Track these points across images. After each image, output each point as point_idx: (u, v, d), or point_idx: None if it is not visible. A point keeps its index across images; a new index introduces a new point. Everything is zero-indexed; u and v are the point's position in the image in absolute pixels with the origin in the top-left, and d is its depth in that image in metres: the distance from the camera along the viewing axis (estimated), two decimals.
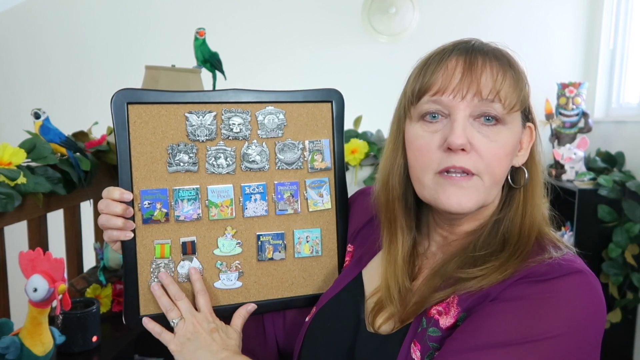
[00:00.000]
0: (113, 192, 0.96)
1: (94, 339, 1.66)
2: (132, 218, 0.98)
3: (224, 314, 1.04)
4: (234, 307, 1.05)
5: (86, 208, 2.07)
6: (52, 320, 1.49)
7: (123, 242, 0.99)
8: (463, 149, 0.83)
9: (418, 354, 0.83)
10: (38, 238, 1.77)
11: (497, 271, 0.82)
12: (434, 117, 0.86)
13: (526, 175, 0.91)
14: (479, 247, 0.88)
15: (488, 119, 0.85)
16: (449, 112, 0.85)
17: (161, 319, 1.00)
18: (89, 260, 2.14)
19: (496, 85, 0.83)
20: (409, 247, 0.97)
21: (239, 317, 1.04)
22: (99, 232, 2.17)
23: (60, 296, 1.34)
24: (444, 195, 0.85)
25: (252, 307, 1.05)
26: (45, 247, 1.80)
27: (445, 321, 0.83)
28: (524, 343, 0.75)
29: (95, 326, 1.66)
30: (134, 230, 0.98)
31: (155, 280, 1.01)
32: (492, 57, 0.86)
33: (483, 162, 0.84)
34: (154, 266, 1.00)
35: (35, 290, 1.32)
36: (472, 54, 0.85)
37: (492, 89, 0.83)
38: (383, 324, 0.91)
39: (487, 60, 0.85)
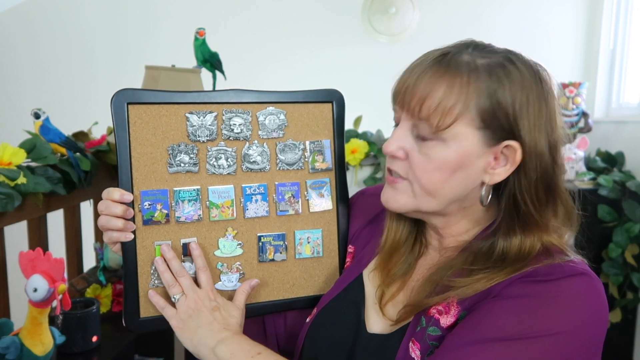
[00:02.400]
0: (113, 193, 0.95)
1: (94, 339, 1.66)
2: (133, 219, 0.97)
3: None
4: None
5: (86, 208, 2.07)
6: (52, 320, 1.49)
7: (123, 244, 0.98)
8: (396, 156, 0.89)
9: (417, 352, 0.83)
10: (38, 238, 1.77)
11: (485, 278, 0.82)
12: (396, 124, 0.91)
13: (487, 195, 0.88)
14: (475, 262, 0.87)
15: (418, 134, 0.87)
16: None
17: (161, 322, 1.00)
18: (89, 260, 2.14)
19: (421, 99, 0.83)
20: (397, 236, 1.00)
21: (242, 293, 1.03)
22: (99, 232, 2.18)
23: (60, 296, 1.34)
24: (383, 192, 0.94)
25: (255, 282, 1.04)
26: (45, 247, 1.80)
27: (446, 320, 0.83)
28: (523, 339, 0.75)
29: (95, 326, 1.66)
30: (134, 232, 0.98)
31: (156, 282, 1.00)
32: (439, 68, 0.83)
33: (411, 172, 0.88)
34: (154, 268, 1.00)
35: (35, 290, 1.32)
36: (425, 65, 0.85)
37: (417, 104, 0.84)
38: (390, 300, 0.94)
39: (428, 73, 0.84)
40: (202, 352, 0.93)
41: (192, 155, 1.01)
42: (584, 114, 2.75)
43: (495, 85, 0.82)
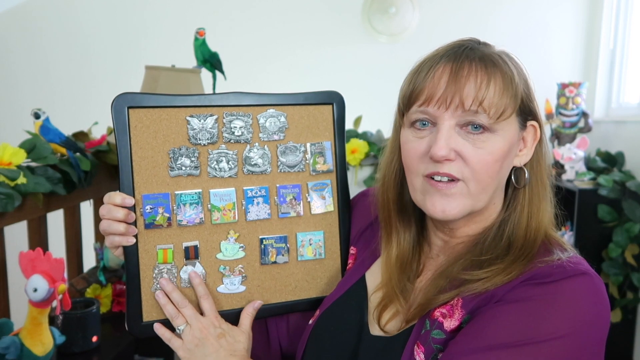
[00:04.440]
0: (114, 197, 0.95)
1: (94, 339, 1.66)
2: (134, 223, 0.97)
3: (229, 318, 1.03)
4: (238, 312, 1.04)
5: (86, 208, 2.07)
6: (52, 320, 1.49)
7: (125, 248, 0.98)
8: (450, 158, 0.85)
9: (422, 355, 0.83)
10: (38, 238, 1.77)
11: (502, 273, 0.82)
12: (424, 124, 0.88)
13: (526, 175, 0.91)
14: (484, 251, 0.88)
15: (475, 127, 0.85)
16: (435, 122, 0.86)
17: (165, 325, 1.00)
18: (89, 260, 2.15)
19: (479, 95, 0.83)
20: (406, 247, 0.98)
21: (247, 316, 1.03)
22: (99, 232, 2.17)
23: (60, 296, 1.35)
24: (430, 202, 0.88)
25: (258, 304, 1.04)
26: (45, 247, 1.80)
27: (450, 324, 0.83)
28: (528, 344, 0.75)
29: (95, 326, 1.66)
30: (136, 236, 0.98)
31: (158, 286, 1.00)
32: (480, 63, 0.84)
33: (468, 169, 0.85)
34: (156, 272, 1.00)
35: (36, 290, 1.32)
36: (459, 61, 0.85)
37: (475, 100, 0.83)
38: (390, 321, 0.92)
39: (473, 68, 0.84)
40: None
41: (193, 159, 1.00)
42: (584, 114, 2.74)
43: (519, 71, 0.87)
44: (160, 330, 0.99)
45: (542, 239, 0.88)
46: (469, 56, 0.85)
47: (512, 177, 0.91)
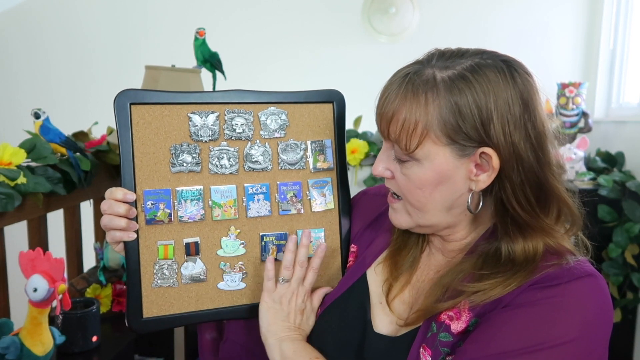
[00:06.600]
0: (116, 193, 0.95)
1: (94, 339, 1.66)
2: (136, 219, 0.97)
3: (229, 315, 1.03)
4: (238, 309, 1.04)
5: (86, 208, 2.07)
6: (52, 320, 1.49)
7: (126, 243, 0.98)
8: (385, 176, 0.92)
9: (429, 358, 0.83)
10: (38, 238, 1.77)
11: (501, 285, 0.81)
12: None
13: (476, 203, 0.87)
14: (484, 266, 0.86)
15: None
16: None
17: (164, 322, 1.00)
18: (89, 260, 2.14)
19: (390, 130, 0.86)
20: (410, 238, 1.01)
21: (317, 299, 1.06)
22: (99, 232, 2.17)
23: (60, 296, 1.34)
24: (388, 211, 0.97)
25: (327, 289, 1.07)
26: (45, 247, 1.80)
27: (457, 326, 0.83)
28: (540, 350, 0.75)
29: (95, 326, 1.66)
30: (137, 232, 0.98)
31: (159, 282, 1.00)
32: (401, 94, 0.84)
33: (400, 191, 0.91)
34: (157, 267, 1.00)
35: (35, 290, 1.32)
36: (392, 90, 0.85)
37: (386, 133, 0.87)
38: (397, 296, 0.96)
39: (391, 100, 0.85)
40: (270, 340, 0.97)
41: (194, 155, 1.01)
42: (584, 114, 2.74)
43: (456, 98, 0.80)
44: (268, 265, 1.01)
45: (546, 246, 0.85)
46: (400, 82, 0.85)
47: (469, 202, 0.87)
